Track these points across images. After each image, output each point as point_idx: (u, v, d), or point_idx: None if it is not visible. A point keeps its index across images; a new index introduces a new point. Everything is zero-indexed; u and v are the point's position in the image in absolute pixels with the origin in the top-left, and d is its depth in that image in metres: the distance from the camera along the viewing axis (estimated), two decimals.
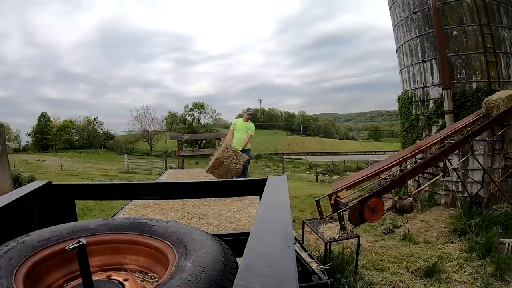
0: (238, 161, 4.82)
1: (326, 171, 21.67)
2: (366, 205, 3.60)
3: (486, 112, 5.06)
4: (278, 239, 0.76)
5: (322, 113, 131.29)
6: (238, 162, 4.81)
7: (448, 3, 6.26)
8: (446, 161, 4.52)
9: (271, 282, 0.56)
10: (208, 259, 0.82)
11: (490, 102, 5.01)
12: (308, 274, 1.64)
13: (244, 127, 5.73)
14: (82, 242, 0.78)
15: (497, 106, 4.91)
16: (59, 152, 37.59)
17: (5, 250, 0.85)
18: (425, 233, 5.03)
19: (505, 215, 4.89)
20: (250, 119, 5.85)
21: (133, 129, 45.68)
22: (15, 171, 8.90)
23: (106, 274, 0.95)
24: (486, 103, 5.08)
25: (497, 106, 4.90)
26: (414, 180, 6.62)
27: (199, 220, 3.52)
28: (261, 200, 1.14)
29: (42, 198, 1.33)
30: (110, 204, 6.23)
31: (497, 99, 4.96)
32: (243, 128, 5.73)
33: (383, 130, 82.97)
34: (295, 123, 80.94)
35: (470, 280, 3.41)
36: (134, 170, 19.92)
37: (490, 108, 5.00)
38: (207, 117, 43.07)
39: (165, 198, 3.45)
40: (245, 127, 5.74)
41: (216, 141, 9.35)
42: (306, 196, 7.45)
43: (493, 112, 4.95)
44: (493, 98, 5.05)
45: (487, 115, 5.06)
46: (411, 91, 7.12)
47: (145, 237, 1.02)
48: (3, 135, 5.38)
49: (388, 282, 3.35)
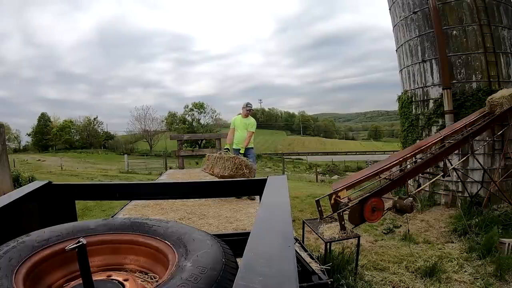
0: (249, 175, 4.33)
1: (326, 171, 21.67)
2: (366, 204, 3.61)
3: (490, 110, 5.13)
4: (278, 239, 0.76)
5: (322, 113, 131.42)
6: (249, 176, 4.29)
7: (448, 3, 6.26)
8: (446, 161, 4.52)
9: (271, 282, 0.56)
10: (208, 259, 0.82)
11: (494, 100, 5.09)
12: (308, 274, 1.64)
13: (244, 124, 5.29)
14: (82, 242, 0.78)
15: (500, 104, 5.00)
16: (59, 152, 37.60)
17: (5, 250, 0.85)
18: (425, 233, 5.03)
19: (505, 215, 4.89)
20: (250, 114, 5.41)
21: (133, 129, 45.75)
22: (15, 171, 8.90)
23: (106, 274, 0.95)
24: (489, 101, 5.15)
25: (500, 104, 4.99)
26: (414, 180, 6.62)
27: (199, 220, 3.52)
28: (261, 200, 1.14)
29: (42, 198, 1.33)
30: (110, 204, 6.23)
31: (500, 97, 5.04)
32: (242, 125, 5.29)
33: (383, 130, 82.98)
34: (295, 123, 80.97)
35: (470, 280, 3.41)
36: (134, 170, 19.92)
37: (493, 106, 5.08)
38: (207, 117, 43.16)
39: (165, 198, 3.44)
40: (244, 123, 5.29)
41: (216, 141, 9.34)
42: (306, 196, 7.46)
43: (496, 110, 5.04)
44: (496, 96, 5.13)
45: (490, 112, 5.12)
46: (411, 91, 7.12)
47: (145, 237, 1.02)
48: (3, 135, 5.38)
49: (388, 282, 3.35)
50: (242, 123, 5.31)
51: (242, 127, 5.30)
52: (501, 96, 5.04)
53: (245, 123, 5.30)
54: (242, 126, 5.30)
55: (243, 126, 5.29)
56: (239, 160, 4.49)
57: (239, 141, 5.27)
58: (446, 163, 4.50)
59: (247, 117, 5.36)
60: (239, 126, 5.33)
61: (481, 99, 5.86)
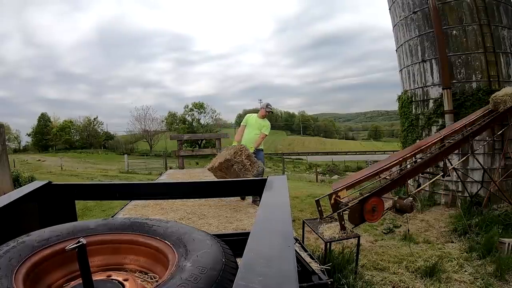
0: (251, 168, 4.00)
1: (326, 171, 21.68)
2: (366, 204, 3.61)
3: (494, 107, 5.20)
4: (278, 239, 0.76)
5: (322, 113, 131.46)
6: (250, 171, 3.98)
7: (448, 3, 6.26)
8: (446, 161, 4.52)
9: (271, 282, 0.56)
10: (208, 259, 0.82)
11: (497, 98, 5.16)
12: (308, 274, 1.63)
13: (258, 125, 4.94)
14: (82, 242, 0.78)
15: (504, 101, 5.07)
16: (59, 152, 37.59)
17: (5, 250, 0.85)
18: (425, 232, 5.03)
19: (505, 214, 4.89)
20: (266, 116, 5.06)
21: (133, 129, 45.77)
22: (15, 171, 8.91)
23: (106, 274, 0.95)
24: (493, 99, 5.22)
25: (504, 102, 5.06)
26: (414, 180, 6.62)
27: (199, 220, 3.52)
28: (261, 200, 1.14)
29: (42, 198, 1.33)
30: (110, 204, 6.23)
31: (503, 95, 5.11)
32: (257, 126, 4.93)
33: (383, 130, 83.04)
34: (295, 123, 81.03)
35: (470, 279, 3.41)
36: (134, 170, 19.93)
37: (497, 103, 5.15)
38: (207, 117, 43.19)
39: (165, 198, 3.44)
40: (259, 124, 4.94)
41: (216, 141, 9.34)
42: (306, 196, 7.46)
43: (500, 107, 5.11)
44: (500, 94, 5.20)
45: (494, 110, 5.19)
46: (411, 91, 7.12)
47: (145, 237, 1.02)
48: (3, 135, 5.38)
49: (388, 282, 3.35)
50: (257, 123, 4.99)
51: (255, 127, 4.97)
52: (505, 94, 5.12)
53: (260, 124, 4.98)
54: (256, 127, 4.98)
55: (257, 126, 4.97)
56: (240, 146, 4.18)
57: (248, 140, 4.90)
58: (446, 163, 4.50)
59: (264, 118, 5.06)
60: (252, 125, 5.01)
61: (481, 99, 5.87)
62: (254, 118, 5.05)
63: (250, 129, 4.99)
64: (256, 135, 4.90)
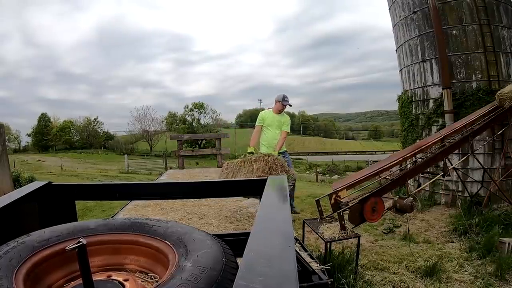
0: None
1: (326, 171, 21.69)
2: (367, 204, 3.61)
3: (499, 104, 5.23)
4: (278, 239, 0.76)
5: (322, 113, 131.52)
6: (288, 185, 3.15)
7: (447, 3, 6.26)
8: (446, 161, 4.52)
9: (272, 282, 0.56)
10: (208, 259, 0.82)
11: (503, 94, 5.18)
12: (308, 274, 1.63)
13: (278, 122, 4.28)
14: (82, 242, 0.78)
15: (509, 98, 5.09)
16: (59, 153, 37.61)
17: (5, 250, 0.85)
18: (425, 232, 5.03)
19: (505, 214, 4.89)
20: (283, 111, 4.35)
21: (133, 129, 45.84)
22: (15, 171, 8.91)
23: (106, 274, 0.95)
24: (499, 95, 5.23)
25: (510, 98, 5.09)
26: (414, 180, 6.62)
27: (199, 220, 3.51)
28: (261, 200, 1.14)
29: (42, 198, 1.33)
30: (110, 204, 6.23)
31: (509, 92, 5.14)
32: (276, 123, 4.27)
33: (383, 130, 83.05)
34: (295, 123, 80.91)
35: (470, 279, 3.41)
36: (134, 170, 19.94)
37: (502, 100, 5.17)
38: (207, 117, 43.24)
39: (165, 198, 3.44)
40: (278, 121, 4.29)
41: (216, 141, 9.32)
42: (306, 196, 7.45)
43: (505, 103, 5.14)
44: (505, 90, 5.22)
45: (499, 106, 5.23)
46: (411, 90, 7.12)
47: (145, 237, 1.02)
48: (3, 135, 5.37)
49: (388, 282, 3.35)
50: (275, 121, 4.30)
51: (275, 126, 4.29)
52: (510, 91, 5.16)
53: (279, 121, 4.30)
54: (276, 125, 4.29)
55: (277, 124, 4.29)
56: (273, 158, 3.39)
57: (271, 143, 4.24)
58: (446, 163, 4.50)
59: (281, 113, 4.35)
60: (271, 124, 4.31)
61: (481, 98, 5.87)
62: (271, 115, 4.35)
63: (271, 129, 4.33)
64: (277, 134, 4.28)
